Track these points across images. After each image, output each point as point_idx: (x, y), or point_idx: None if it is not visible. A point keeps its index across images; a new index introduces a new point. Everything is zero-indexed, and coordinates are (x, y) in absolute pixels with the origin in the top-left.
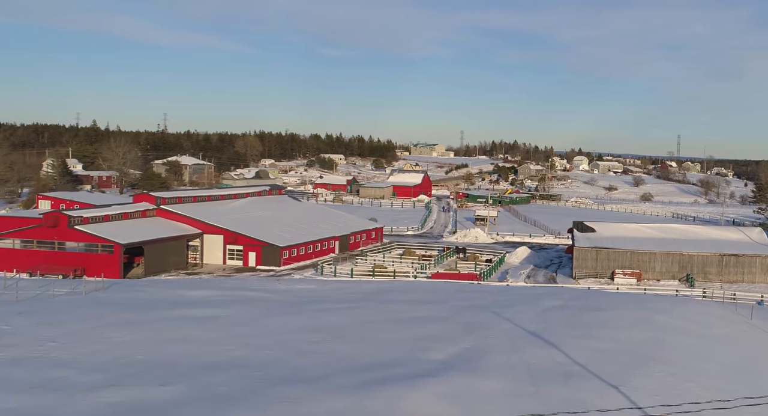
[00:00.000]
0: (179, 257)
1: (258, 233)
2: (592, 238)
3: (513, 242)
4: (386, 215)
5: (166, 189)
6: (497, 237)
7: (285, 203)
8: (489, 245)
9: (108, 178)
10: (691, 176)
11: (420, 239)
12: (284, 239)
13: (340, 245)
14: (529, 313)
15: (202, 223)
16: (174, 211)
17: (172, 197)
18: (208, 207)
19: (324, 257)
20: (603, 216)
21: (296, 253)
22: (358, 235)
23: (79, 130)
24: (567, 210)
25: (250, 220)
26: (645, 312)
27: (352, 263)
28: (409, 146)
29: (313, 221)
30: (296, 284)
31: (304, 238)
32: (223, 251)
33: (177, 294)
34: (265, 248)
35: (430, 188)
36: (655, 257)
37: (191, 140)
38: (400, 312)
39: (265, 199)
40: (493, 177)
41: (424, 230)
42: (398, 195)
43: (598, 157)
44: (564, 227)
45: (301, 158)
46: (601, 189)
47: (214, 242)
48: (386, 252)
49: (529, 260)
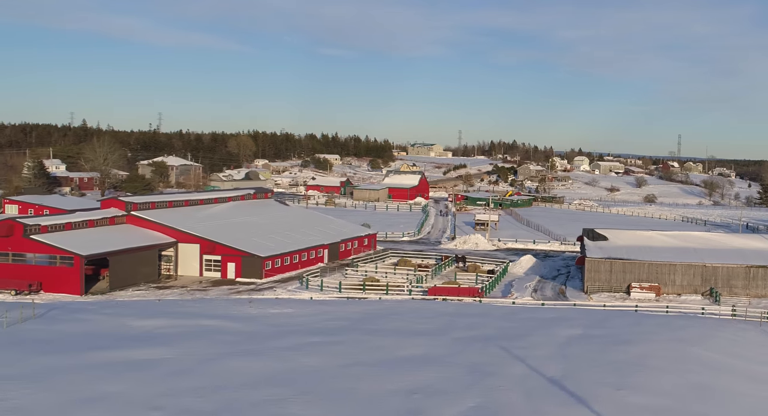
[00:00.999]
0: (150, 269)
1: (238, 241)
2: (604, 247)
3: (516, 249)
4: (381, 219)
5: (150, 191)
6: (499, 244)
7: (271, 207)
8: (490, 253)
9: (90, 179)
10: (694, 177)
11: (416, 246)
12: (267, 248)
13: (330, 253)
14: (544, 348)
15: (177, 231)
16: (146, 218)
17: (144, 202)
18: (185, 213)
19: (311, 267)
20: (610, 220)
21: (280, 263)
22: (349, 242)
23: (69, 129)
24: (571, 214)
25: (231, 227)
26: (679, 344)
27: (342, 274)
28: (407, 146)
29: (300, 228)
30: (270, 307)
31: (290, 247)
32: (199, 262)
33: (123, 325)
34: (246, 259)
35: (427, 189)
36: (675, 269)
37: (183, 140)
38: (391, 348)
39: (249, 203)
40: (492, 178)
41: (421, 235)
42: (394, 197)
43: (599, 157)
44: (569, 232)
45: (295, 158)
46: (603, 190)
47: (190, 251)
48: (379, 261)
49: (534, 270)
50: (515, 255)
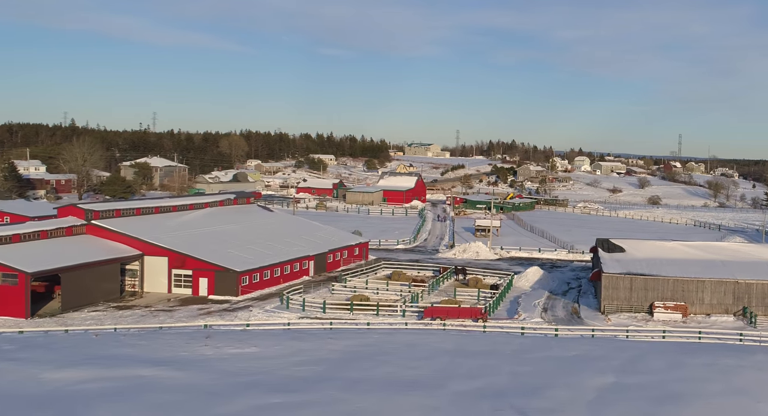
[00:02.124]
0: (111, 285)
1: (212, 254)
2: (622, 260)
3: (520, 258)
4: (374, 225)
5: (131, 194)
6: (501, 252)
7: (253, 214)
8: (492, 263)
9: (68, 182)
10: (697, 178)
11: (412, 255)
12: (244, 261)
13: (316, 265)
14: (572, 409)
15: (143, 242)
16: (108, 227)
17: (107, 209)
18: (155, 222)
19: (295, 281)
20: (618, 226)
21: (258, 278)
22: (338, 252)
23: (56, 129)
24: (576, 218)
25: (205, 237)
26: (741, 400)
27: (328, 289)
28: (404, 146)
29: (284, 237)
30: (232, 342)
31: (270, 259)
32: (168, 277)
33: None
34: (220, 274)
35: (424, 192)
36: (703, 285)
37: (173, 140)
38: (374, 412)
39: (228, 210)
40: (491, 179)
41: (417, 243)
42: (389, 201)
43: (600, 157)
44: (577, 239)
45: (289, 158)
46: (605, 191)
47: (157, 265)
48: (371, 273)
49: (542, 283)
50: (520, 265)
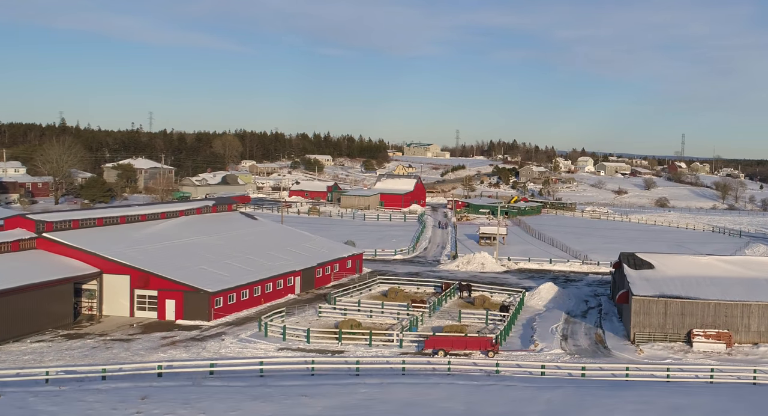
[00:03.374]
0: (63, 309)
1: (180, 271)
2: (652, 279)
3: (530, 270)
4: (370, 233)
5: (111, 198)
6: (509, 264)
7: (234, 223)
8: (500, 277)
9: (45, 185)
10: (703, 178)
11: (411, 268)
12: (219, 279)
13: (303, 281)
14: None
15: (101, 258)
16: (61, 241)
17: (62, 220)
18: (119, 234)
19: (279, 299)
20: (634, 233)
21: (235, 299)
22: (328, 266)
23: (47, 129)
24: (586, 223)
25: (176, 251)
26: None
27: (315, 311)
28: (402, 146)
29: (267, 249)
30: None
31: (250, 276)
32: (130, 298)
33: None
34: (189, 295)
35: (423, 195)
36: (749, 310)
37: (166, 140)
38: None
39: (206, 219)
40: (493, 180)
41: (416, 252)
42: (386, 204)
43: (604, 157)
44: (590, 248)
45: (284, 158)
46: (610, 193)
47: (118, 285)
48: (365, 290)
49: (557, 302)
50: (530, 279)
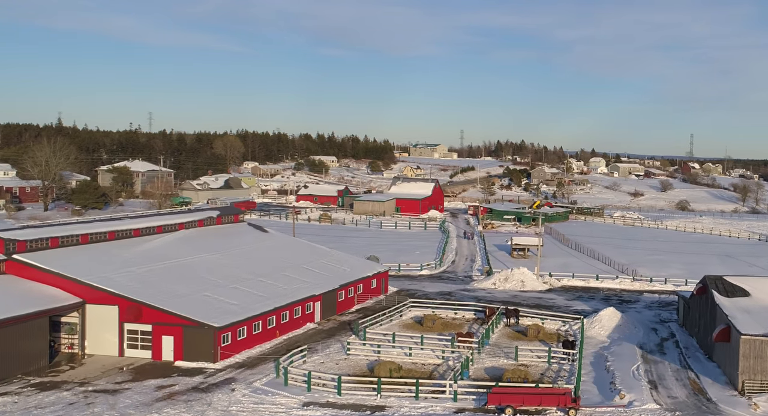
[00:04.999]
0: (36, 348)
1: (180, 300)
2: (753, 311)
3: (575, 288)
4: (390, 243)
5: (105, 204)
6: (551, 280)
7: (242, 237)
8: (544, 296)
9: (33, 189)
10: (721, 180)
11: (441, 285)
12: (226, 310)
13: (324, 307)
14: None
15: (83, 284)
16: (35, 264)
17: (37, 238)
18: (107, 253)
19: (297, 330)
20: (677, 245)
21: (246, 333)
22: (351, 287)
23: (42, 129)
24: (621, 231)
25: (174, 274)
26: None
27: (342, 347)
28: (408, 147)
29: (282, 269)
30: None
31: (263, 304)
32: (119, 334)
33: None
34: (191, 330)
35: (441, 200)
36: None
37: (165, 141)
38: None
39: (210, 232)
40: (504, 181)
41: (444, 267)
42: (402, 210)
43: (616, 158)
44: (634, 260)
45: (288, 160)
46: (626, 195)
47: (104, 317)
48: (396, 315)
49: (622, 332)
50: (579, 300)
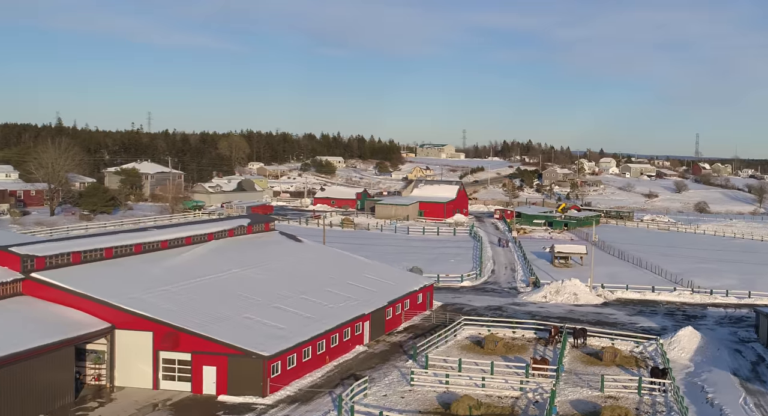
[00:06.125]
0: (60, 382)
1: (221, 324)
2: None
3: (632, 302)
4: (420, 250)
5: (114, 208)
6: (604, 292)
7: (276, 248)
8: (602, 311)
9: (38, 193)
10: (734, 181)
11: (487, 298)
12: (272, 334)
13: (373, 326)
14: None
15: (112, 307)
16: (57, 284)
17: (57, 254)
18: (134, 269)
19: (346, 355)
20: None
21: (296, 361)
22: (398, 303)
23: (41, 129)
24: (656, 236)
25: (211, 293)
26: None
27: (402, 376)
28: (415, 147)
29: (324, 284)
30: None
31: (311, 327)
32: (153, 364)
33: None
34: (236, 360)
35: (466, 203)
36: None
37: (168, 141)
38: None
39: (240, 243)
40: (515, 182)
41: (485, 277)
42: (426, 214)
43: (627, 158)
44: (684, 268)
45: (294, 160)
46: (640, 196)
47: (136, 344)
48: (450, 336)
49: (705, 354)
50: (640, 315)
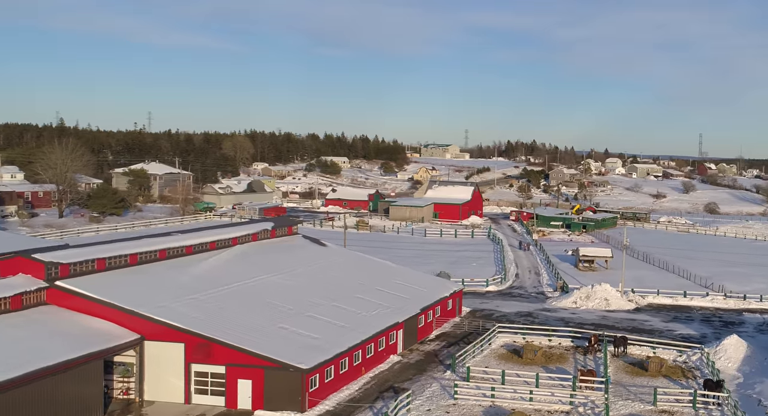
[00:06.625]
0: (89, 397)
1: (255, 335)
2: None
3: (664, 307)
4: (439, 253)
5: (124, 209)
6: (635, 298)
7: (299, 252)
8: (637, 318)
9: (46, 194)
10: (741, 181)
11: (515, 303)
12: (308, 345)
13: (406, 335)
14: None
15: (142, 317)
16: (83, 293)
17: (83, 260)
18: (159, 276)
19: (380, 365)
20: (747, 255)
21: (333, 373)
22: (430, 310)
23: (44, 130)
24: (678, 238)
25: (241, 300)
26: None
27: (442, 388)
28: (419, 147)
29: (354, 290)
30: None
31: (347, 337)
32: (184, 377)
33: None
34: (273, 373)
35: (481, 205)
36: None
37: (171, 141)
38: None
39: (265, 247)
40: (522, 183)
41: (509, 282)
42: (441, 216)
43: (633, 158)
44: (712, 272)
45: (298, 160)
46: (648, 196)
47: (167, 356)
48: (485, 344)
49: (753, 364)
50: (675, 321)
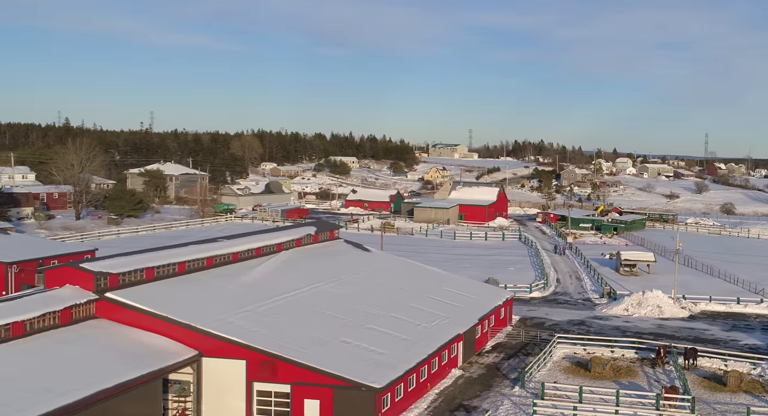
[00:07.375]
0: (149, 415)
1: (319, 350)
2: None
3: (719, 314)
4: (473, 257)
5: (142, 211)
6: (688, 305)
7: (344, 258)
8: (695, 326)
9: (61, 195)
10: (753, 181)
11: (563, 311)
12: (376, 361)
13: (465, 348)
14: None
15: (200, 332)
16: (135, 305)
17: (131, 270)
18: (210, 287)
19: (443, 380)
20: None
21: (402, 391)
22: (486, 320)
23: (49, 129)
24: (712, 240)
25: (298, 314)
26: None
27: (515, 406)
28: (427, 147)
29: (407, 300)
30: None
31: (412, 352)
32: (246, 395)
33: None
34: (343, 393)
35: (506, 206)
36: None
37: (179, 141)
38: None
39: (309, 253)
40: (533, 183)
41: (552, 287)
42: (467, 218)
43: (643, 158)
44: (758, 277)
45: (306, 160)
46: (661, 197)
47: (226, 374)
48: (547, 356)
49: None
50: (738, 331)
